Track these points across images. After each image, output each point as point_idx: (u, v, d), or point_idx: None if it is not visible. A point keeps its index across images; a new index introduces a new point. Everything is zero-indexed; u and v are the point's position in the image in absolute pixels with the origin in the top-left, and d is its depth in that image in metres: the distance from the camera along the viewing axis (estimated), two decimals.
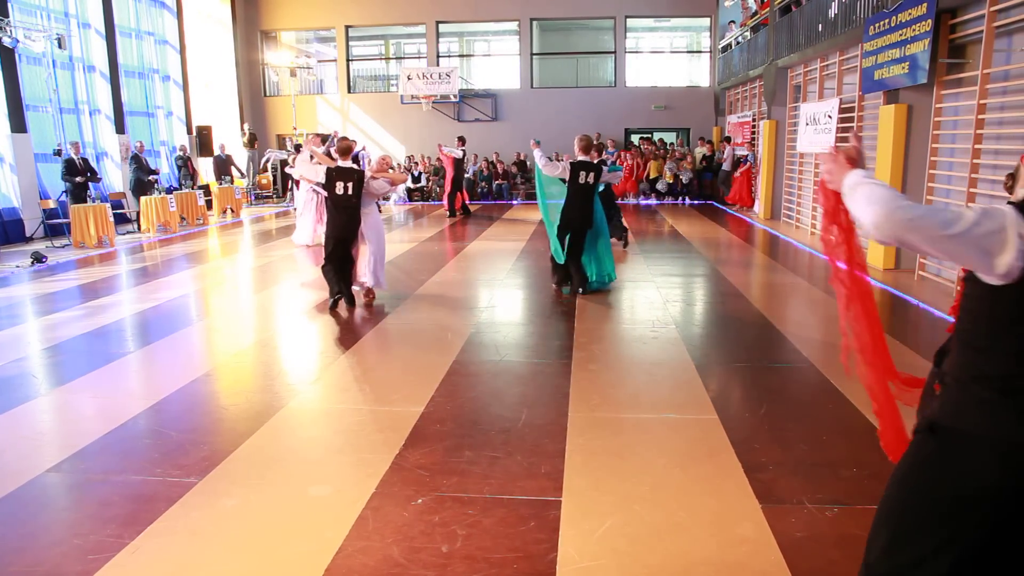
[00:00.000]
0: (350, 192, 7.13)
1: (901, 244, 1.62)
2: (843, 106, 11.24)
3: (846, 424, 4.29)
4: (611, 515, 3.26)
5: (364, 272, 7.51)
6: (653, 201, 19.06)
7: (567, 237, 7.78)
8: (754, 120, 16.69)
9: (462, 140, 16.89)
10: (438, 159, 20.56)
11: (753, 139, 16.72)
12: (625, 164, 19.15)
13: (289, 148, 17.51)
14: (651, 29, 22.41)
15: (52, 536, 3.18)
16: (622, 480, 3.60)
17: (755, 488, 3.48)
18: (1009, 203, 1.61)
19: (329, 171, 7.18)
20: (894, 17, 8.82)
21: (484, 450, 3.96)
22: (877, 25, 9.34)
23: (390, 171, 7.93)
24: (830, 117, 11.51)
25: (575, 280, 7.85)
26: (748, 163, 16.52)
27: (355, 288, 7.58)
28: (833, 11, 11.08)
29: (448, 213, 16.45)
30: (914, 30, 8.38)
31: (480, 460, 3.83)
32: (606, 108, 20.75)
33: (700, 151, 19.30)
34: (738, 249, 11.52)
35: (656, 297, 7.79)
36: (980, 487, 1.59)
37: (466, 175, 20.19)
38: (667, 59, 22.42)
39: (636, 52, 21.84)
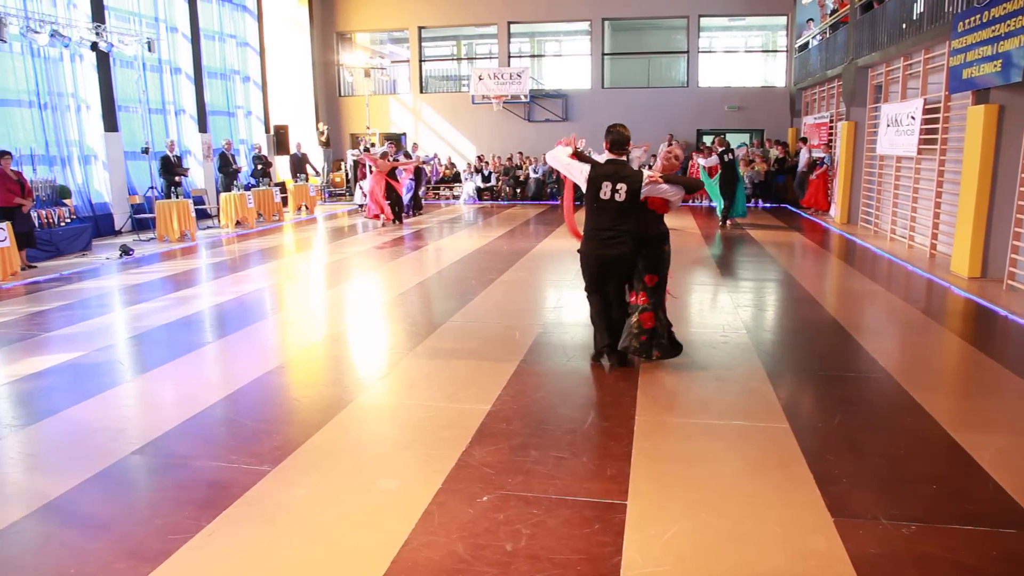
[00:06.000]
0: None
1: None
2: (927, 107, 10.79)
3: (926, 438, 4.12)
4: (677, 521, 3.21)
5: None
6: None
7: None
8: (832, 121, 16.18)
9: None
10: (507, 159, 20.66)
11: (830, 141, 16.21)
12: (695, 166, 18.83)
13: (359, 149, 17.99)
14: (725, 28, 21.99)
15: (136, 515, 3.34)
16: (689, 486, 3.54)
17: (827, 500, 3.38)
18: None
19: None
20: (986, 12, 8.41)
21: (550, 450, 3.96)
22: (967, 21, 8.93)
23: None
24: (913, 119, 11.06)
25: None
26: (824, 166, 16.03)
27: None
28: (919, 7, 10.64)
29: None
30: (1008, 25, 7.97)
31: (546, 460, 3.83)
32: (678, 109, 20.45)
33: (773, 153, 18.82)
34: (813, 254, 11.19)
35: (726, 301, 7.64)
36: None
37: (535, 176, 20.23)
38: (741, 59, 21.94)
39: (709, 52, 21.44)
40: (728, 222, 14.13)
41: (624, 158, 5.17)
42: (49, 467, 3.90)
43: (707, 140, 20.13)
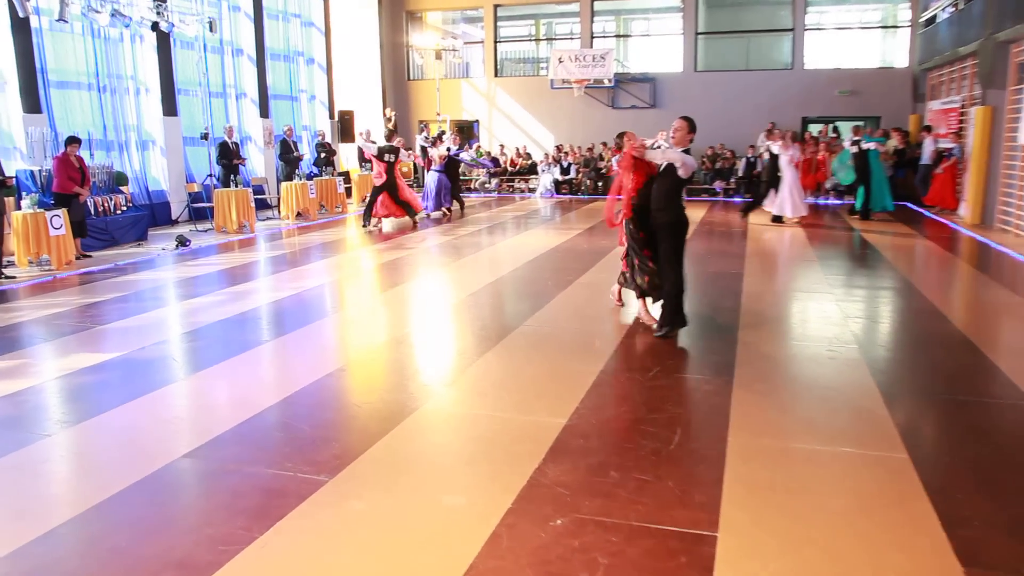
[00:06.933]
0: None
1: None
2: None
3: None
4: (776, 559, 3.10)
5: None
6: (833, 200, 18.09)
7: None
8: (963, 106, 15.48)
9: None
10: (588, 149, 20.54)
11: (960, 129, 15.51)
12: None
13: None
14: (837, 2, 21.30)
15: (186, 522, 3.43)
16: (790, 520, 3.41)
17: (956, 547, 3.19)
18: None
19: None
20: None
21: (632, 471, 3.88)
22: None
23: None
24: None
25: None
26: (953, 158, 15.33)
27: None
28: None
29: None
30: None
31: (627, 482, 3.76)
32: (781, 94, 19.90)
33: (892, 143, 18.11)
34: (937, 259, 10.71)
35: (835, 312, 7.37)
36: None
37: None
38: (855, 36, 21.22)
39: (818, 29, 20.83)
40: (866, 214, 14.77)
41: None
42: (98, 467, 4.06)
43: (813, 129, 19.60)
